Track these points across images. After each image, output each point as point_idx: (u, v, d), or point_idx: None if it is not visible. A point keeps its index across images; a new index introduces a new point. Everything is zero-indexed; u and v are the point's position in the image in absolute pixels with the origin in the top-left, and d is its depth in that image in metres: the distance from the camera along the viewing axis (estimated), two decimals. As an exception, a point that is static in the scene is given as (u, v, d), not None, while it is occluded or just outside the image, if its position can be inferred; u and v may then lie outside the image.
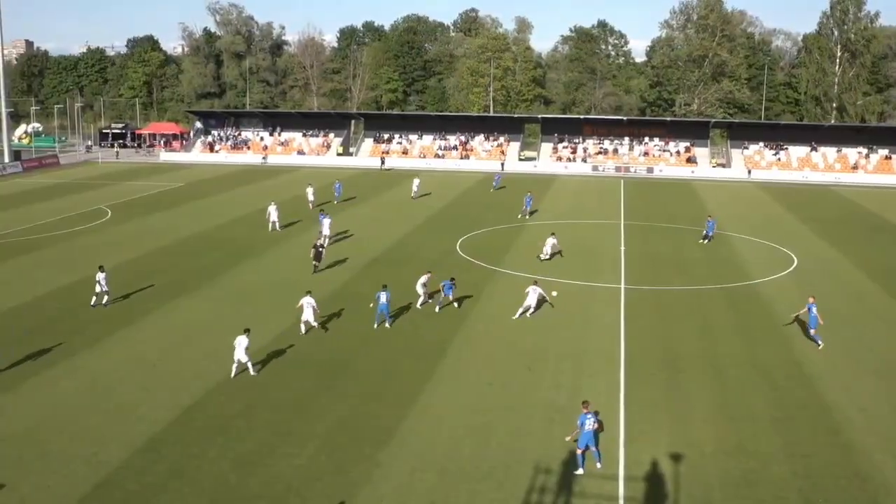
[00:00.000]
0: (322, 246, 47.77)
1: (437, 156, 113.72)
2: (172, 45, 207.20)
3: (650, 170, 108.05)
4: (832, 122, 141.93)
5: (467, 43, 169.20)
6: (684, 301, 42.24)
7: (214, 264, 48.44)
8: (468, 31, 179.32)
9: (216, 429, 25.62)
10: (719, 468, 23.89)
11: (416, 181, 78.74)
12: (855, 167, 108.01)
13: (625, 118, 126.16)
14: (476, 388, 29.53)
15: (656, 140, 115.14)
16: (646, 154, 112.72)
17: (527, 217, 67.02)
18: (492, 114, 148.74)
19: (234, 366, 29.90)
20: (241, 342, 29.67)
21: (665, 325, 37.89)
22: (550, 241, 51.06)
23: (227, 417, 26.51)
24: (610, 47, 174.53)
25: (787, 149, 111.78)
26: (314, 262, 46.52)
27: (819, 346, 35.11)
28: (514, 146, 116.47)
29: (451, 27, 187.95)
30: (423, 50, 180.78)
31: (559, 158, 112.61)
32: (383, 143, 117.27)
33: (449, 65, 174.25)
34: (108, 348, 33.32)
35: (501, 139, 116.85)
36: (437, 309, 39.06)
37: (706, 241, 57.52)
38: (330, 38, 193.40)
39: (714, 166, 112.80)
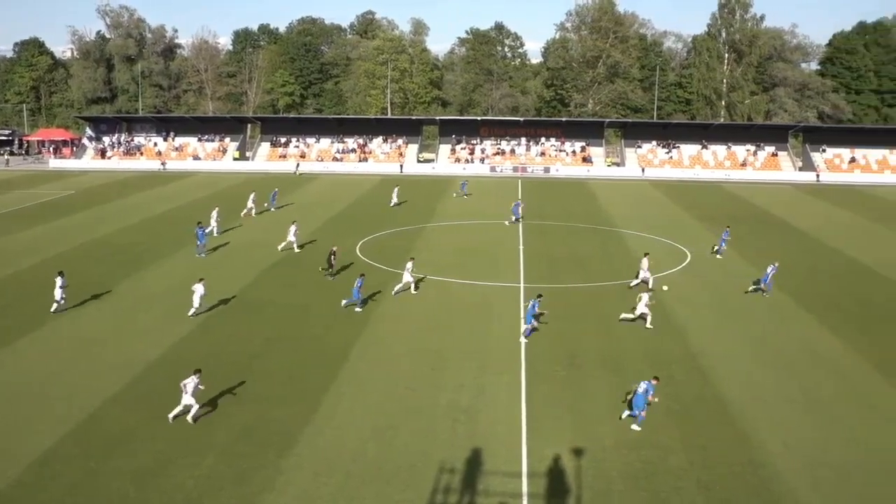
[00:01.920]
0: (332, 257, 46.75)
1: (335, 159, 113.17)
2: (61, 48, 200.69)
3: (547, 170, 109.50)
4: (721, 120, 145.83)
5: (363, 45, 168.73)
6: (582, 298, 42.94)
7: (111, 273, 47.14)
8: (364, 34, 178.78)
9: (114, 442, 25.00)
10: (620, 461, 24.38)
11: (396, 189, 77.38)
12: (744, 164, 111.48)
13: (521, 119, 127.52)
14: (380, 390, 29.51)
15: (552, 140, 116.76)
16: (542, 154, 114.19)
17: (514, 223, 65.74)
18: (389, 116, 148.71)
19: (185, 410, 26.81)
20: (191, 381, 26.90)
21: (564, 322, 38.41)
22: (645, 262, 45.79)
23: (126, 430, 25.88)
24: (506, 49, 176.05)
25: (678, 147, 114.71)
26: (327, 268, 46.36)
27: (766, 294, 43.58)
28: (413, 148, 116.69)
29: (348, 30, 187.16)
30: (320, 52, 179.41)
31: (457, 160, 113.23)
32: (280, 146, 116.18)
33: (346, 67, 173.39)
34: (0, 361, 32.29)
35: (399, 141, 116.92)
36: (522, 339, 35.54)
37: (718, 254, 54.53)
38: (224, 41, 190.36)
39: (609, 165, 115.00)
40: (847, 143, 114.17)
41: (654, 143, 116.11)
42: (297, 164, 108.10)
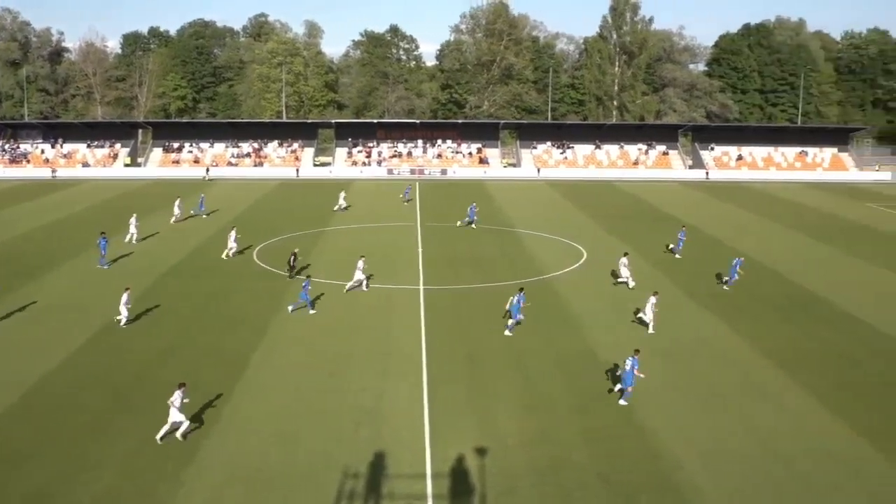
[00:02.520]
0: (293, 260, 47.83)
1: (230, 164, 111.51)
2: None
3: (444, 171, 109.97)
4: (614, 121, 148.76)
5: (257, 48, 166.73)
6: (482, 298, 43.25)
7: (2, 284, 45.53)
8: (258, 37, 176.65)
9: (6, 462, 24.08)
10: (524, 458, 24.67)
11: (342, 194, 76.71)
12: (636, 163, 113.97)
13: (418, 121, 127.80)
14: (282, 396, 29.22)
15: (449, 142, 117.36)
16: (439, 156, 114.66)
17: (473, 227, 65.25)
18: (285, 120, 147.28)
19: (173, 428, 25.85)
20: (175, 398, 25.78)
21: (465, 322, 38.70)
22: (623, 261, 46.95)
23: (17, 448, 24.96)
24: (401, 51, 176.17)
25: (573, 147, 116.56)
26: (289, 269, 47.71)
27: (726, 288, 46.18)
28: (309, 152, 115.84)
29: (241, 32, 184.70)
30: (212, 56, 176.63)
31: (354, 163, 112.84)
32: (173, 152, 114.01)
33: (239, 71, 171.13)
34: None
35: (295, 145, 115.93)
36: (507, 332, 36.86)
37: (675, 253, 55.47)
38: (113, 45, 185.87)
39: (505, 166, 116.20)
40: (734, 142, 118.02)
41: (548, 143, 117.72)
42: (207, 169, 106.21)
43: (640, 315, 38.45)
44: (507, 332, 36.87)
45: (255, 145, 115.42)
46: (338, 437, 25.89)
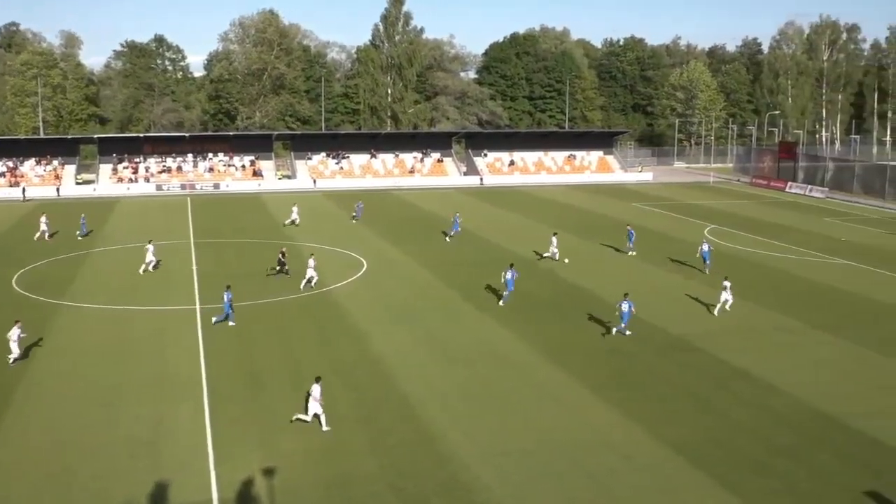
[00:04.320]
0: (283, 257, 51.58)
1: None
2: None
3: (217, 186, 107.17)
4: (388, 129, 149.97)
5: (9, 59, 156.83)
6: (262, 315, 42.28)
7: None
8: (9, 48, 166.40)
9: None
10: (311, 473, 24.30)
11: (295, 208, 73.57)
12: (412, 171, 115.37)
13: (187, 134, 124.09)
14: (49, 434, 27.25)
15: (221, 155, 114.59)
16: (211, 170, 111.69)
17: (447, 240, 64.34)
18: (42, 136, 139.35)
19: (316, 418, 27.70)
20: (315, 391, 27.95)
21: (245, 341, 37.69)
22: (554, 240, 56.16)
23: None
24: (167, 62, 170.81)
25: (348, 157, 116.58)
26: (283, 270, 50.86)
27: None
28: (70, 169, 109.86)
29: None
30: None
31: (120, 179, 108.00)
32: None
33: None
34: None
35: (55, 162, 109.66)
36: (500, 303, 43.68)
37: (630, 251, 59.24)
38: None
39: (280, 178, 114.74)
40: (506, 147, 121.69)
41: (323, 154, 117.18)
42: (24, 189, 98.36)
43: (722, 306, 41.88)
44: (500, 303, 43.50)
45: (10, 164, 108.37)
46: (115, 472, 24.45)
